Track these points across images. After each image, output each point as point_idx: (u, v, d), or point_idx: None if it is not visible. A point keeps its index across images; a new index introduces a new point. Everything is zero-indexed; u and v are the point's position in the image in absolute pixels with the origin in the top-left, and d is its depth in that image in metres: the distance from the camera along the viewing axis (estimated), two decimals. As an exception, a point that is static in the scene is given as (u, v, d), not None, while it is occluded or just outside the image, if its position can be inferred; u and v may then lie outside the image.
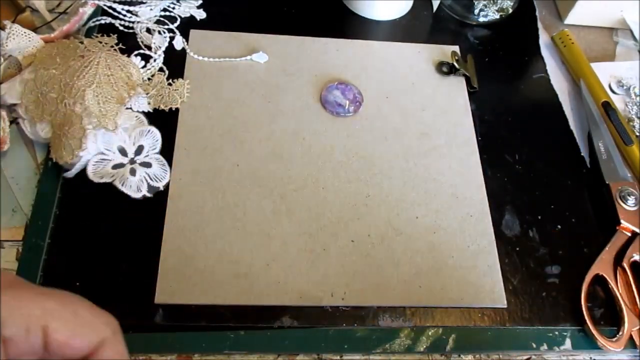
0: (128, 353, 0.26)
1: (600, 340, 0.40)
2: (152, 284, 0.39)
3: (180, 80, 0.50)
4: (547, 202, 0.47)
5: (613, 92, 0.56)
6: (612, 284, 0.43)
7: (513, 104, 0.54)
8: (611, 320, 0.42)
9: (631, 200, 0.46)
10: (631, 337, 0.41)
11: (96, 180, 0.42)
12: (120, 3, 0.52)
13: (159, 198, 0.43)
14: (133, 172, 0.43)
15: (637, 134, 0.52)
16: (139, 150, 0.44)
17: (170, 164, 0.45)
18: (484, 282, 0.42)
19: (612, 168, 0.48)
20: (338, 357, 0.38)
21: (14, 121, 0.45)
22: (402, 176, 0.47)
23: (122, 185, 0.42)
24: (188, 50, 0.52)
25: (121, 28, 0.52)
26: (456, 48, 0.56)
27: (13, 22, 0.47)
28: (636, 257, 0.44)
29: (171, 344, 0.38)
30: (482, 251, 0.44)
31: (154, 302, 0.38)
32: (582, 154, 0.51)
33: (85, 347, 0.24)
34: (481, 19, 0.59)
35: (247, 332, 0.39)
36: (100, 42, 0.46)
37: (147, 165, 0.44)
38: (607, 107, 0.52)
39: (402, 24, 0.58)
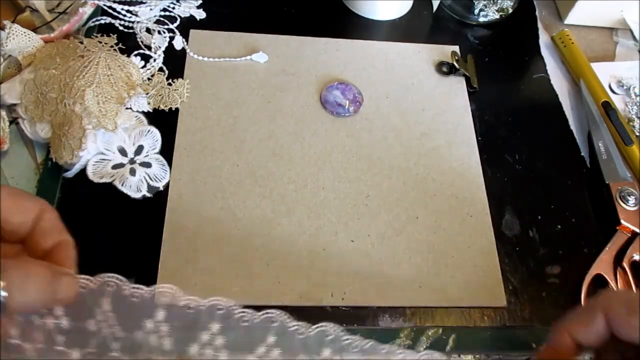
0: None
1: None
2: (152, 284, 0.39)
3: (180, 80, 0.50)
4: (547, 202, 0.47)
5: (613, 92, 0.56)
6: (612, 284, 0.43)
7: (513, 104, 0.54)
8: (611, 320, 0.42)
9: (631, 200, 0.46)
10: (631, 337, 0.41)
11: (96, 180, 0.42)
12: (120, 3, 0.52)
13: (158, 198, 0.43)
14: (133, 172, 0.43)
15: (637, 134, 0.52)
16: (139, 150, 0.44)
17: (170, 164, 0.45)
18: (484, 282, 0.42)
19: (612, 168, 0.48)
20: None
21: (13, 121, 0.45)
22: (402, 176, 0.47)
23: (122, 185, 0.42)
24: (188, 50, 0.52)
25: (121, 28, 0.52)
26: (456, 48, 0.56)
27: (13, 22, 0.47)
28: (636, 257, 0.44)
29: (171, 344, 0.38)
30: (482, 251, 0.44)
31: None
32: (582, 154, 0.51)
33: (28, 219, 0.25)
34: (481, 19, 0.59)
35: (247, 332, 0.39)
36: (100, 42, 0.46)
37: (147, 165, 0.44)
38: (607, 107, 0.52)
39: (402, 24, 0.58)
